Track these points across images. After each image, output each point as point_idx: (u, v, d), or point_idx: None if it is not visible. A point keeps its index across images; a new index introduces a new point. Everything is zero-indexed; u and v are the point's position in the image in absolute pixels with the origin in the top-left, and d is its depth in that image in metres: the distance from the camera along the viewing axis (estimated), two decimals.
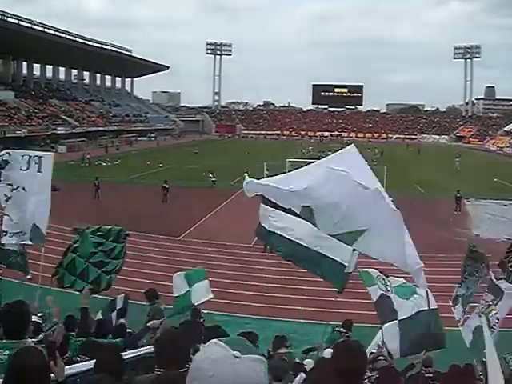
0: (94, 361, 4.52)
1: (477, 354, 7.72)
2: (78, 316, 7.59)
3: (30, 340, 4.51)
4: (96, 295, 8.89)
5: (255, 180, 6.16)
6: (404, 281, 8.49)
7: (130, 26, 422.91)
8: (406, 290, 8.35)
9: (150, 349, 5.40)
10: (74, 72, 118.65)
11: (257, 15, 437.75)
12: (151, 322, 8.36)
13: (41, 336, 6.13)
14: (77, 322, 7.83)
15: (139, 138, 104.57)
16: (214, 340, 2.01)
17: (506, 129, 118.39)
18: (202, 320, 10.33)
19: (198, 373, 1.96)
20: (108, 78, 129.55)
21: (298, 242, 6.77)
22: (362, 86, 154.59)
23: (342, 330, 10.51)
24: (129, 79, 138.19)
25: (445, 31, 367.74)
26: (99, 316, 9.11)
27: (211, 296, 9.99)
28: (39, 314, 8.01)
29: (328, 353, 7.28)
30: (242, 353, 1.95)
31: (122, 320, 9.30)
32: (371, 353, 8.41)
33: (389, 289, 8.44)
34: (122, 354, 4.93)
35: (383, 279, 8.61)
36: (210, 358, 1.96)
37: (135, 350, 6.13)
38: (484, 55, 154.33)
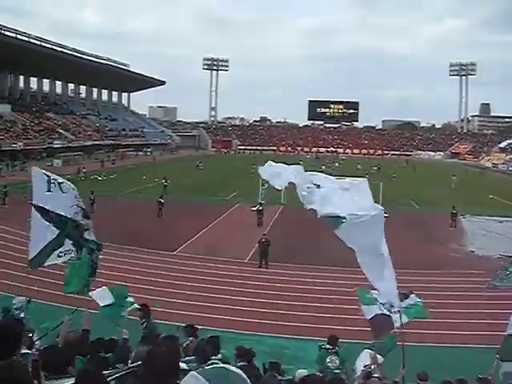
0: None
1: None
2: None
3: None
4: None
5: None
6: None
7: (127, 41, 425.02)
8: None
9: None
10: (71, 86, 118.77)
11: (253, 31, 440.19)
12: (123, 333, 8.39)
13: (27, 350, 6.06)
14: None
15: (138, 153, 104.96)
16: (193, 372, 1.97)
17: (500, 145, 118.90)
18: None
19: None
20: (105, 92, 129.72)
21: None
22: (357, 103, 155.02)
23: (328, 346, 10.45)
24: (125, 93, 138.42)
25: (441, 48, 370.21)
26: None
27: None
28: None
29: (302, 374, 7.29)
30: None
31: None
32: (365, 366, 8.40)
33: (393, 310, 8.41)
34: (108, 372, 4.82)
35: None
36: None
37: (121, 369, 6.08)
38: (479, 72, 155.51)
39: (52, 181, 7.92)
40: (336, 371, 9.90)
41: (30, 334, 7.60)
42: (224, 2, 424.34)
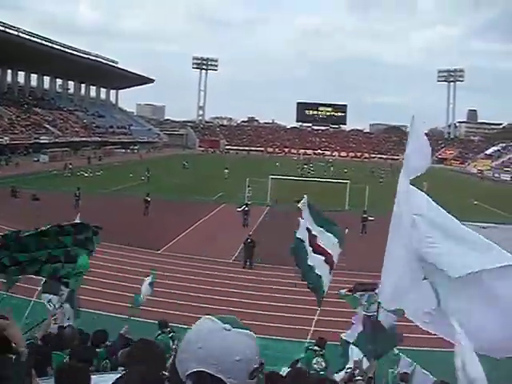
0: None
1: None
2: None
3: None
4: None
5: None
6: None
7: (116, 38, 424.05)
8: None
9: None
10: (59, 81, 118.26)
11: (243, 31, 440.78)
12: (124, 330, 8.36)
13: None
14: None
15: (127, 150, 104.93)
16: (207, 315, 1.98)
17: (487, 152, 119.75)
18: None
19: (187, 345, 1.93)
20: (93, 88, 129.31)
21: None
22: (346, 106, 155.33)
23: (315, 348, 10.46)
24: (114, 90, 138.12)
25: (429, 54, 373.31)
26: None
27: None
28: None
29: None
30: (233, 326, 1.92)
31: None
32: (348, 368, 8.44)
33: (371, 307, 8.42)
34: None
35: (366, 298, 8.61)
36: (199, 330, 1.93)
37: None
38: (468, 79, 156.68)
39: None
40: (321, 373, 9.94)
41: None
42: (215, 2, 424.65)
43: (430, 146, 5.38)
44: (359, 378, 7.51)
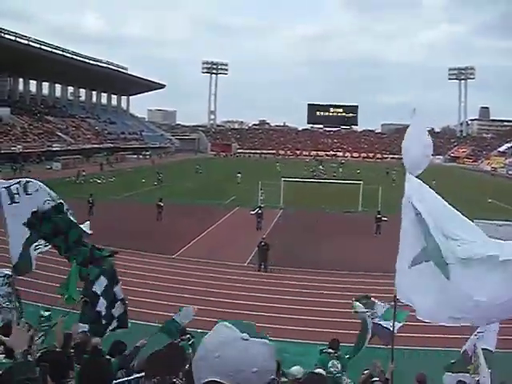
0: None
1: None
2: None
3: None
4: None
5: None
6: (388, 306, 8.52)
7: (126, 44, 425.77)
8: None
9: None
10: (70, 89, 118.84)
11: (253, 35, 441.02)
12: (140, 342, 8.31)
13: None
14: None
15: (139, 156, 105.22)
16: (224, 322, 1.96)
17: (500, 149, 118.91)
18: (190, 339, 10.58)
19: (205, 354, 1.90)
20: (104, 95, 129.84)
21: None
22: (357, 107, 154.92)
23: (330, 350, 10.39)
24: (125, 97, 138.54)
25: (440, 52, 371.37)
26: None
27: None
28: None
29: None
30: (251, 336, 1.89)
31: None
32: (365, 370, 8.41)
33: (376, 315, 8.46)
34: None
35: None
36: (217, 339, 1.90)
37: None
38: (478, 76, 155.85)
39: (14, 190, 7.62)
40: (338, 375, 9.88)
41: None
42: (223, 7, 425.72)
43: (443, 145, 5.32)
44: (376, 379, 7.49)
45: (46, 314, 9.40)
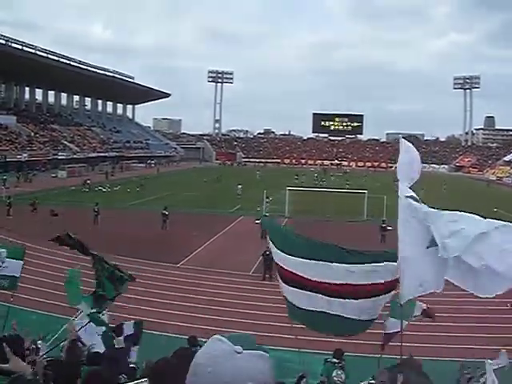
0: None
1: None
2: None
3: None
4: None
5: None
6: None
7: (132, 54, 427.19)
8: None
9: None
10: (76, 98, 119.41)
11: (259, 43, 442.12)
12: (145, 362, 8.23)
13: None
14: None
15: (140, 164, 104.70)
16: (217, 336, 1.91)
17: (505, 159, 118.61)
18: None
19: (197, 368, 1.85)
20: (109, 104, 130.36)
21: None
22: (362, 116, 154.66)
23: (334, 360, 10.35)
24: (130, 106, 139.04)
25: (445, 61, 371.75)
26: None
27: None
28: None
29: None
30: (245, 348, 1.84)
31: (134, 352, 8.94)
32: (371, 379, 8.34)
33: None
34: None
35: None
36: (209, 353, 1.85)
37: None
38: (483, 86, 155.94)
39: None
40: None
41: (34, 345, 7.51)
42: (228, 17, 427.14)
43: (449, 154, 5.36)
44: None
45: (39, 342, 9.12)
